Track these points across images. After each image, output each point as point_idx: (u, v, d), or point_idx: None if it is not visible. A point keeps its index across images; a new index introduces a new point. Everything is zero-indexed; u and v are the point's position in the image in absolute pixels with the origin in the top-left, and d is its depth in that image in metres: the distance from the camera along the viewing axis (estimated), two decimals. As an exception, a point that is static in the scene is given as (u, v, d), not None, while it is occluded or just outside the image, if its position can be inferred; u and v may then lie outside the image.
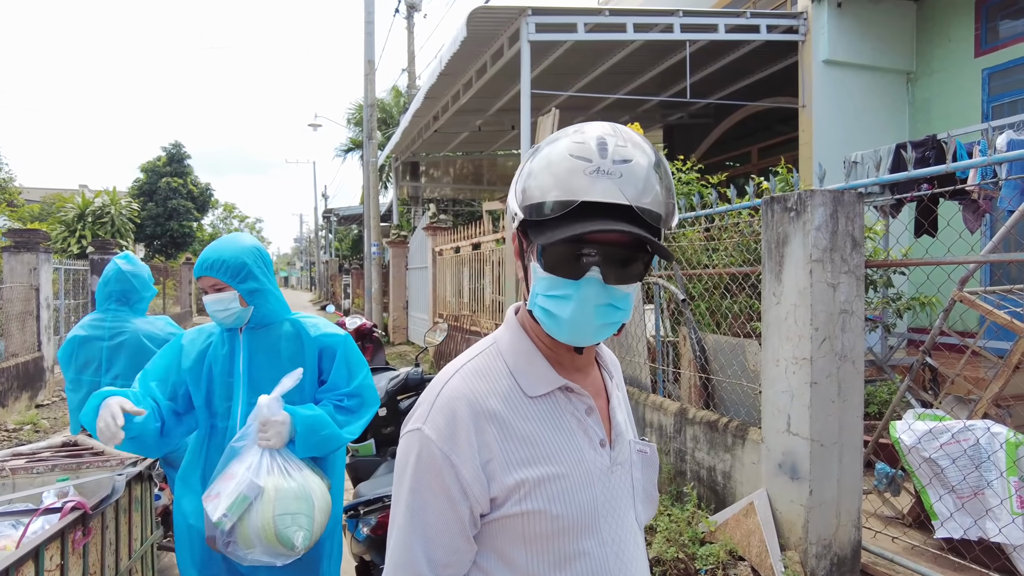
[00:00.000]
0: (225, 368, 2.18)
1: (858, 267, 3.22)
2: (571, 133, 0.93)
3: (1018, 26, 7.19)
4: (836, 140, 7.72)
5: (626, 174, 0.87)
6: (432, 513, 0.94)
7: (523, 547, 0.96)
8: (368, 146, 14.50)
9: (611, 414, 1.09)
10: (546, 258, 0.92)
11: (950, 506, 3.24)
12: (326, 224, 41.20)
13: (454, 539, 0.95)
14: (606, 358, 1.17)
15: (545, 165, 0.91)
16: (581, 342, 0.97)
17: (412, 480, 0.96)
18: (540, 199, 0.90)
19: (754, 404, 3.84)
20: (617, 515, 1.03)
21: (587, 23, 7.36)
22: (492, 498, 0.95)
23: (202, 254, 2.18)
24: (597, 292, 0.91)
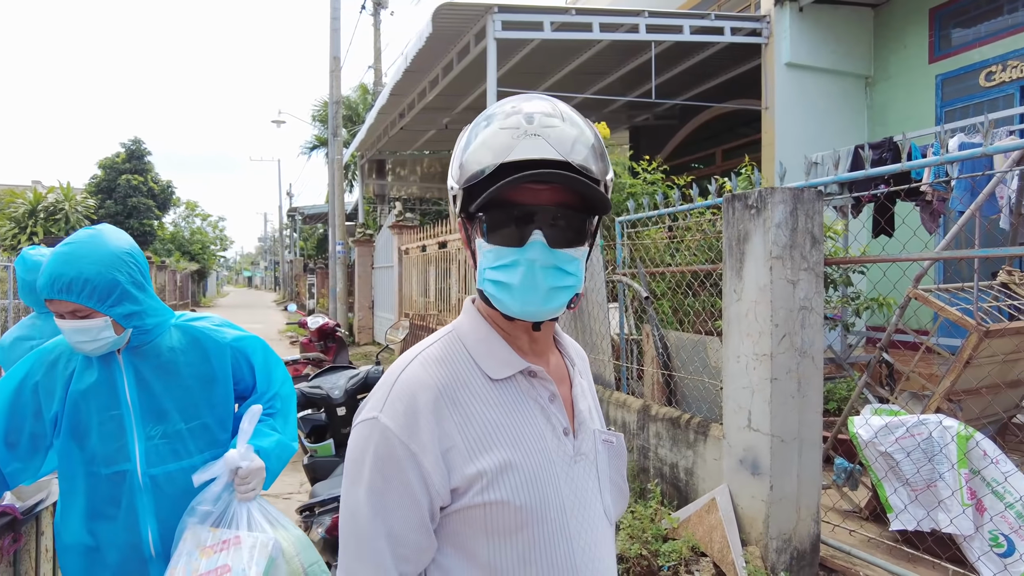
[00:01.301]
0: (103, 402, 1.70)
1: (817, 264, 3.26)
2: (506, 111, 0.93)
3: (969, 34, 7.41)
4: (798, 142, 7.85)
5: (554, 136, 0.88)
6: (393, 506, 0.89)
7: (485, 540, 0.92)
8: (333, 143, 14.30)
9: (574, 401, 1.06)
10: (490, 230, 0.91)
11: (904, 499, 3.31)
12: (291, 223, 40.58)
13: (415, 534, 0.90)
14: (568, 345, 1.13)
15: (481, 142, 0.91)
16: (534, 312, 0.93)
17: (370, 473, 0.90)
18: (476, 169, 0.90)
19: (716, 400, 3.87)
20: (582, 507, 1.00)
21: (554, 22, 7.36)
22: (453, 488, 0.91)
23: (50, 266, 1.60)
24: (543, 254, 0.89)
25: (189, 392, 1.76)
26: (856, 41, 8.32)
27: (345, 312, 15.41)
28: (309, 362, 6.17)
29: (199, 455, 1.75)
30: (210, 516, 1.63)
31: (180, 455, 1.72)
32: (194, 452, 1.75)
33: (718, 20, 7.92)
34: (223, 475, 1.64)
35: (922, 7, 7.83)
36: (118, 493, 1.67)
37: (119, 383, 1.72)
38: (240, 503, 1.66)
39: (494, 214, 0.90)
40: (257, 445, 1.75)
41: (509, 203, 0.89)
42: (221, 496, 1.64)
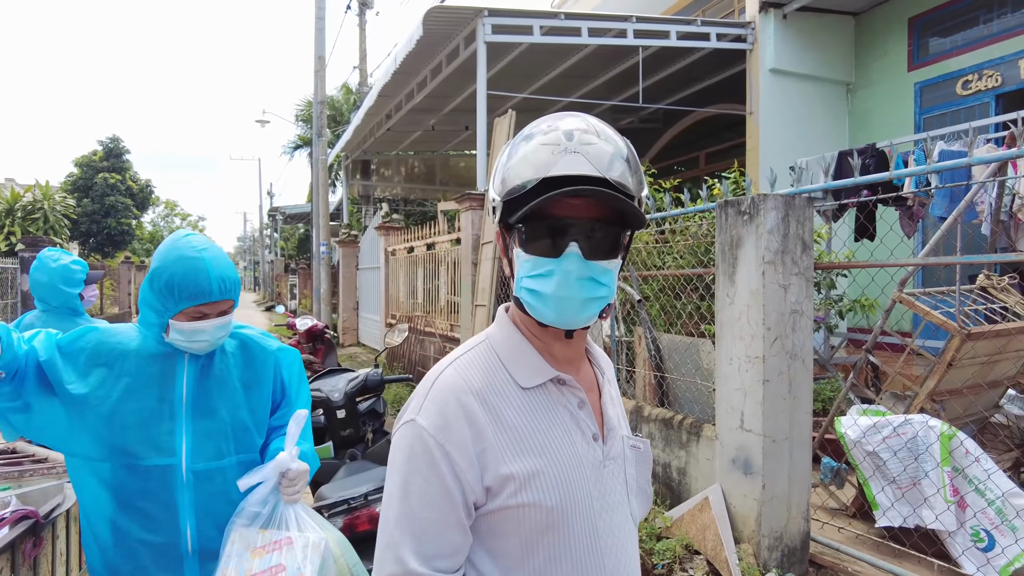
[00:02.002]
0: (158, 394, 1.72)
1: (807, 269, 3.35)
2: (544, 128, 0.98)
3: (946, 43, 7.60)
4: (782, 146, 8.00)
5: (592, 153, 0.93)
6: (427, 503, 0.93)
7: (518, 540, 0.97)
8: (318, 143, 14.24)
9: (603, 409, 1.11)
10: (528, 241, 0.96)
11: (890, 496, 3.41)
12: (271, 223, 40.24)
13: (450, 529, 0.94)
14: (597, 355, 1.18)
15: (521, 157, 0.96)
16: (569, 321, 0.98)
17: (407, 470, 0.95)
18: (518, 183, 0.95)
19: (708, 402, 3.95)
20: (610, 510, 1.04)
21: (543, 26, 7.43)
22: (487, 487, 0.95)
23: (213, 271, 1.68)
24: (578, 266, 0.94)
25: (235, 394, 1.80)
26: (838, 49, 8.49)
27: (329, 313, 15.34)
28: (300, 364, 6.17)
29: (236, 456, 1.77)
30: (259, 518, 1.64)
31: (221, 454, 1.75)
32: (233, 453, 1.77)
33: (704, 26, 8.04)
34: (272, 477, 1.66)
35: (901, 16, 8.01)
36: (156, 487, 1.68)
37: (179, 377, 1.75)
38: (287, 505, 1.68)
39: (534, 225, 0.95)
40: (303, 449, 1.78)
41: (548, 216, 0.94)
42: (268, 498, 1.65)
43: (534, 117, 4.60)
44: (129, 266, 20.71)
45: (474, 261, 6.98)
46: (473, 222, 7.01)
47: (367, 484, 2.49)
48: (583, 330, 1.05)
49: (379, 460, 3.11)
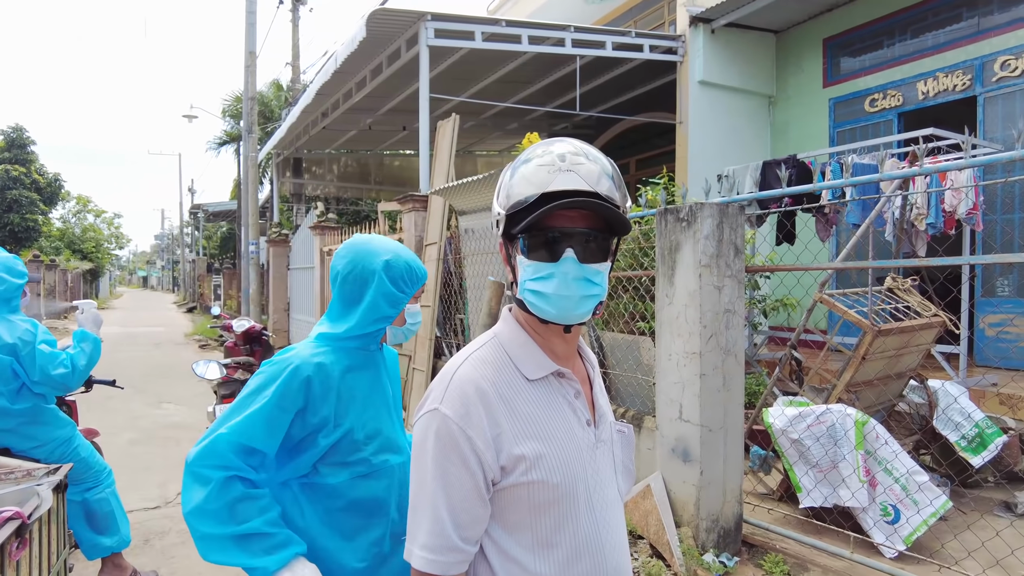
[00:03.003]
0: (378, 397, 1.75)
1: (740, 272, 3.64)
2: (539, 152, 1.14)
3: (855, 64, 8.24)
4: (709, 155, 8.44)
5: (583, 171, 1.10)
6: (453, 481, 1.08)
7: (528, 512, 1.13)
8: (247, 140, 13.87)
9: (595, 398, 1.28)
10: (530, 249, 1.12)
11: (812, 479, 3.74)
12: (193, 220, 38.65)
13: (473, 504, 1.10)
14: (587, 352, 1.35)
15: (521, 177, 1.12)
16: (568, 316, 1.13)
17: (434, 453, 1.10)
18: (520, 199, 1.11)
19: (648, 395, 4.20)
20: (602, 486, 1.21)
21: (484, 32, 7.58)
22: (502, 466, 1.11)
23: (413, 262, 1.78)
24: (575, 268, 1.10)
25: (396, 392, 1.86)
26: (761, 64, 9.03)
27: (258, 314, 14.95)
28: (239, 366, 6.07)
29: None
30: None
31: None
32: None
33: (638, 38, 8.39)
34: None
35: (816, 36, 8.61)
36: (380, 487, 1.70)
37: (383, 375, 1.80)
38: None
39: (535, 235, 1.11)
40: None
41: (547, 227, 1.10)
42: None
43: (474, 120, 4.93)
44: (38, 264, 19.53)
45: (417, 262, 7.05)
46: (416, 223, 7.08)
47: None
48: (579, 327, 1.20)
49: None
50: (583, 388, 1.24)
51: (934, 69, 7.33)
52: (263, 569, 1.49)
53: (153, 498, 4.90)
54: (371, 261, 1.72)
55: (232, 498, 1.51)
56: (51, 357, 2.97)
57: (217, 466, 1.53)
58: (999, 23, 6.81)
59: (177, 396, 8.88)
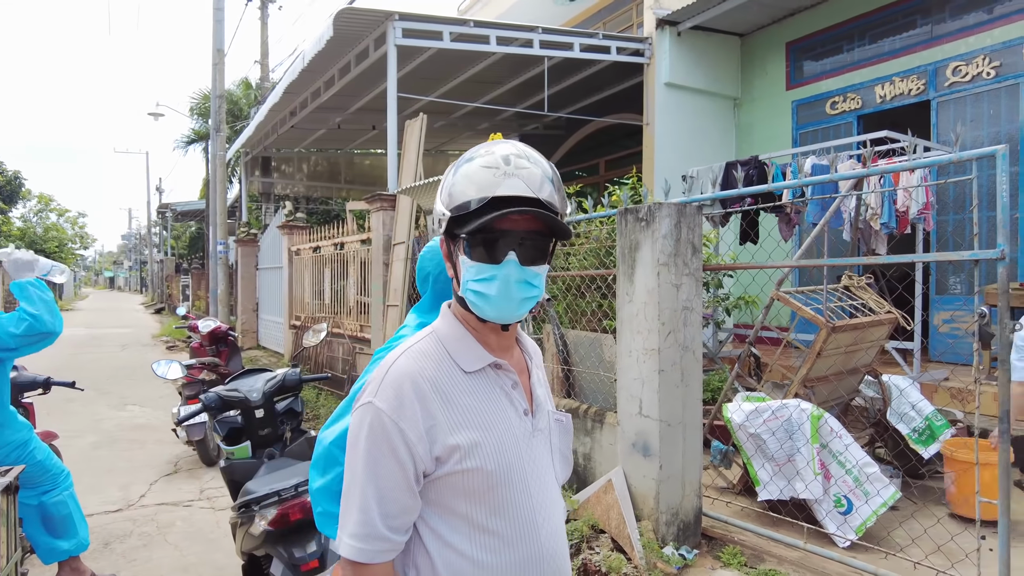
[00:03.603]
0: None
1: (697, 270, 3.72)
2: (482, 152, 1.18)
3: (817, 67, 8.42)
4: (675, 155, 8.56)
5: (526, 176, 1.14)
6: (383, 472, 1.11)
7: (464, 499, 1.17)
8: (215, 139, 13.70)
9: (532, 388, 1.32)
10: (473, 250, 1.15)
11: (769, 472, 3.84)
12: (161, 220, 37.96)
13: (402, 494, 1.13)
14: (526, 343, 1.39)
15: (464, 177, 1.15)
16: (507, 317, 1.18)
17: (366, 444, 1.13)
18: (463, 200, 1.14)
19: (610, 392, 4.26)
20: (539, 472, 1.26)
21: (452, 32, 7.60)
22: (436, 457, 1.14)
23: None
24: (516, 271, 1.14)
25: None
26: (726, 66, 9.19)
27: (227, 314, 14.77)
28: (204, 367, 6.02)
29: None
30: None
31: None
32: None
33: (606, 40, 8.48)
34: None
35: (779, 40, 8.79)
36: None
37: None
38: None
39: (478, 237, 1.14)
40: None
41: (491, 229, 1.14)
42: None
43: (443, 120, 4.99)
44: (-2, 266, 18.99)
45: (385, 261, 7.05)
46: (384, 223, 7.08)
47: (295, 477, 2.58)
48: (516, 323, 1.25)
49: (299, 457, 3.16)
50: (521, 378, 1.28)
51: (891, 74, 7.53)
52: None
53: (115, 501, 4.83)
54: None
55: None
56: (6, 321, 2.96)
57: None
58: (951, 30, 7.03)
59: (142, 398, 8.74)
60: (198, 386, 5.99)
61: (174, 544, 4.10)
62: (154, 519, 4.50)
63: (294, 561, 2.35)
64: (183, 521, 4.48)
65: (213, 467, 5.63)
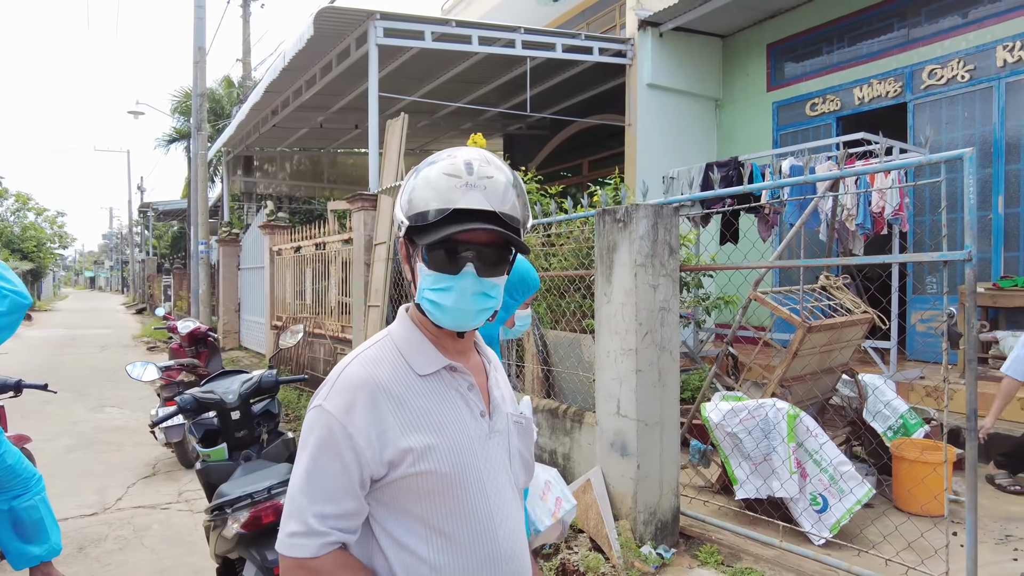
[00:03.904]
0: None
1: (674, 271, 3.74)
2: (445, 157, 1.17)
3: (797, 69, 8.50)
4: (657, 156, 8.60)
5: (489, 187, 1.13)
6: (328, 474, 1.11)
7: (418, 502, 1.16)
8: (197, 137, 13.56)
9: (489, 390, 1.32)
10: (431, 258, 1.15)
11: (746, 471, 3.87)
12: (142, 219, 37.52)
13: (347, 498, 1.12)
14: (484, 347, 1.39)
15: (425, 182, 1.14)
16: (463, 326, 1.19)
17: (313, 447, 1.13)
18: (423, 208, 1.13)
19: (589, 392, 4.28)
20: (495, 473, 1.25)
21: (434, 32, 7.58)
22: (388, 461, 1.14)
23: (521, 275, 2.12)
24: (473, 283, 1.14)
25: None
26: (708, 67, 9.24)
27: (208, 315, 14.64)
28: (183, 368, 5.96)
29: None
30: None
31: None
32: None
33: (588, 40, 8.50)
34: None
35: (761, 41, 8.86)
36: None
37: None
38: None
39: (437, 246, 1.14)
40: None
41: (450, 240, 1.13)
42: None
43: (425, 119, 4.97)
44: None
45: (367, 262, 7.02)
46: (365, 222, 7.05)
47: (269, 480, 2.56)
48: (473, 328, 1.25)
49: (275, 459, 3.15)
50: (478, 380, 1.28)
51: (869, 76, 7.62)
52: None
53: (90, 504, 4.78)
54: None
55: None
56: None
57: None
58: (926, 34, 7.13)
59: (121, 400, 8.65)
60: (176, 388, 5.93)
61: (151, 547, 4.06)
62: (130, 522, 4.45)
63: (267, 564, 2.34)
64: (160, 524, 4.44)
65: (192, 469, 5.58)
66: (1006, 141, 6.49)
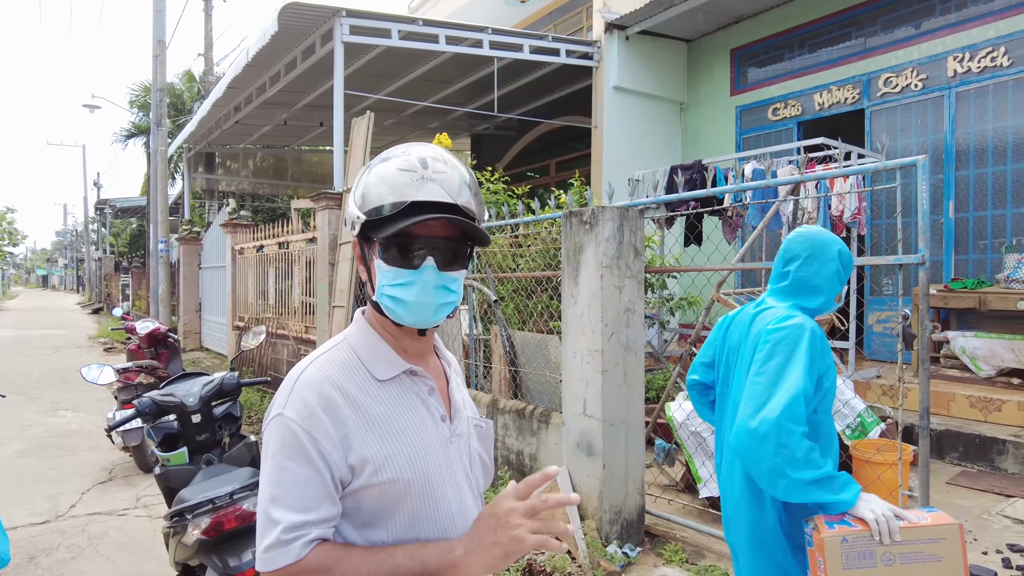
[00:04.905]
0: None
1: (639, 272, 3.79)
2: (399, 154, 1.16)
3: (760, 74, 8.67)
4: (623, 158, 8.68)
5: (444, 181, 1.12)
6: (298, 482, 1.08)
7: (382, 510, 1.14)
8: (156, 133, 13.23)
9: (450, 394, 1.31)
10: (389, 255, 1.13)
11: (710, 469, 3.93)
12: (99, 216, 36.46)
13: (322, 503, 1.09)
14: (443, 350, 1.38)
15: (379, 178, 1.13)
16: (424, 322, 1.17)
17: (280, 457, 1.09)
18: (379, 203, 1.11)
19: (556, 392, 4.30)
20: (455, 478, 1.24)
21: (401, 30, 7.53)
22: (351, 466, 1.11)
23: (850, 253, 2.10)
24: (434, 277, 1.13)
25: None
26: (673, 71, 9.36)
27: (168, 315, 14.31)
28: (142, 370, 5.82)
29: None
30: None
31: None
32: None
33: (555, 42, 8.54)
34: None
35: (724, 47, 9.01)
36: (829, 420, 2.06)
37: None
38: None
39: (395, 242, 1.12)
40: None
41: (408, 234, 1.12)
42: None
43: (390, 118, 4.94)
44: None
45: (331, 261, 6.94)
46: (330, 221, 6.97)
47: (231, 484, 2.51)
48: (433, 328, 1.24)
49: (238, 463, 3.09)
50: (438, 384, 1.27)
51: (828, 82, 7.80)
52: (845, 503, 1.77)
53: (42, 512, 4.62)
54: (829, 248, 2.06)
55: (807, 447, 1.78)
56: None
57: (799, 420, 1.80)
58: (882, 43, 7.33)
59: (76, 403, 8.40)
60: (135, 390, 5.78)
61: (106, 555, 3.95)
62: (85, 530, 4.32)
63: (228, 571, 2.30)
64: (117, 531, 4.32)
65: (151, 473, 5.44)
66: (956, 148, 6.72)
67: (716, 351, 2.31)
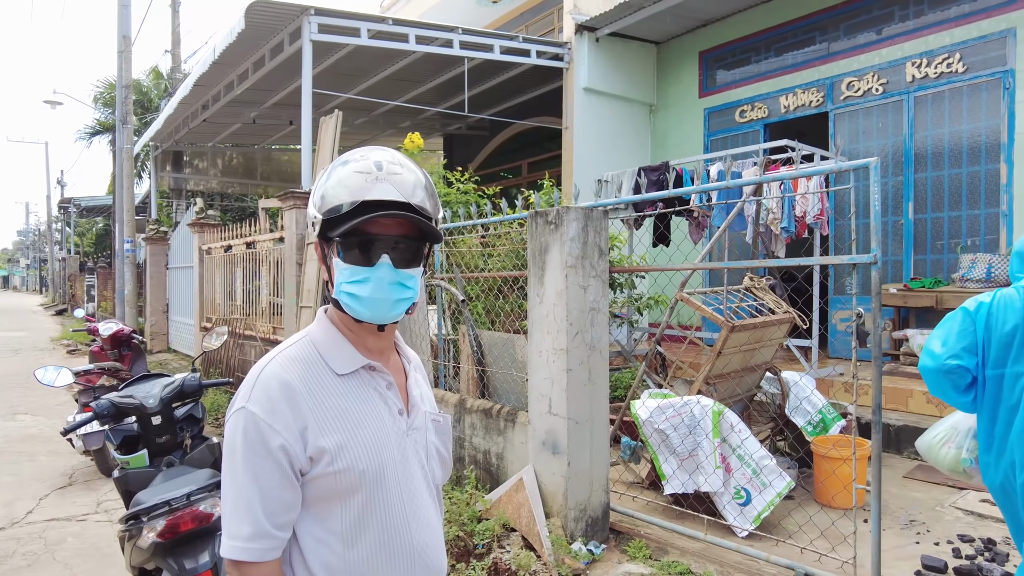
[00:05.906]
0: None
1: (604, 272, 3.82)
2: (357, 158, 1.21)
3: (728, 77, 8.80)
4: (593, 159, 8.74)
5: (398, 182, 1.18)
6: (262, 473, 1.13)
7: (337, 500, 1.18)
8: (122, 131, 12.97)
9: (408, 389, 1.35)
10: (346, 253, 1.18)
11: (674, 467, 3.98)
12: (63, 216, 35.60)
13: (284, 492, 1.14)
14: (404, 347, 1.42)
15: (337, 180, 1.19)
16: (382, 317, 1.21)
17: (243, 449, 1.13)
18: (336, 203, 1.17)
19: (522, 391, 4.32)
20: (410, 469, 1.29)
21: (370, 29, 7.49)
22: (310, 457, 1.16)
23: None
24: (390, 273, 1.18)
25: None
26: (642, 73, 9.45)
27: (135, 316, 14.03)
28: (104, 372, 5.70)
29: None
30: None
31: None
32: None
33: (526, 43, 8.57)
34: None
35: (693, 49, 9.13)
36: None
37: None
38: None
39: (351, 240, 1.17)
40: None
41: (363, 233, 1.17)
42: None
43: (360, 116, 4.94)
44: None
45: (299, 261, 6.88)
46: (298, 221, 6.91)
47: (189, 486, 2.49)
48: (392, 325, 1.28)
49: (199, 465, 3.06)
50: (397, 379, 1.32)
51: (794, 86, 7.95)
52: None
53: (-3, 518, 4.52)
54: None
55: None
56: None
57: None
58: (845, 48, 7.50)
59: (35, 406, 8.20)
60: (96, 392, 5.66)
61: (63, 562, 3.87)
62: (42, 536, 4.23)
63: (185, 573, 2.27)
64: (75, 537, 4.23)
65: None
66: (915, 151, 6.90)
67: (978, 335, 2.36)
